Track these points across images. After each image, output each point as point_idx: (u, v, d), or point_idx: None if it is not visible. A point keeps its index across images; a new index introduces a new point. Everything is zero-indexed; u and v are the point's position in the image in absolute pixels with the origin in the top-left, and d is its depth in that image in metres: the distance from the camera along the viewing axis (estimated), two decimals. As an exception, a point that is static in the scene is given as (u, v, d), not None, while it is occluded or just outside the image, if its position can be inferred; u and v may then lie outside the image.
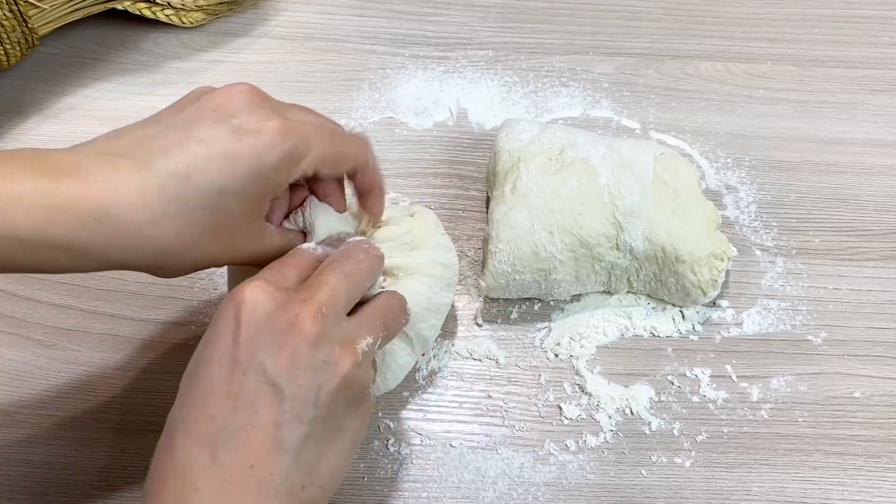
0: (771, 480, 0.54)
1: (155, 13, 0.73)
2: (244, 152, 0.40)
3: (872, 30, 0.77)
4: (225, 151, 0.40)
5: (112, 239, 0.39)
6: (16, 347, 0.58)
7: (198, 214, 0.40)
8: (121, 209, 0.38)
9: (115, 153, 0.39)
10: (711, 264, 0.57)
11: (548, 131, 0.60)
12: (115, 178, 0.39)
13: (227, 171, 0.40)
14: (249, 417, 0.38)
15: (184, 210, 0.39)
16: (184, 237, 0.40)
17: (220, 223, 0.41)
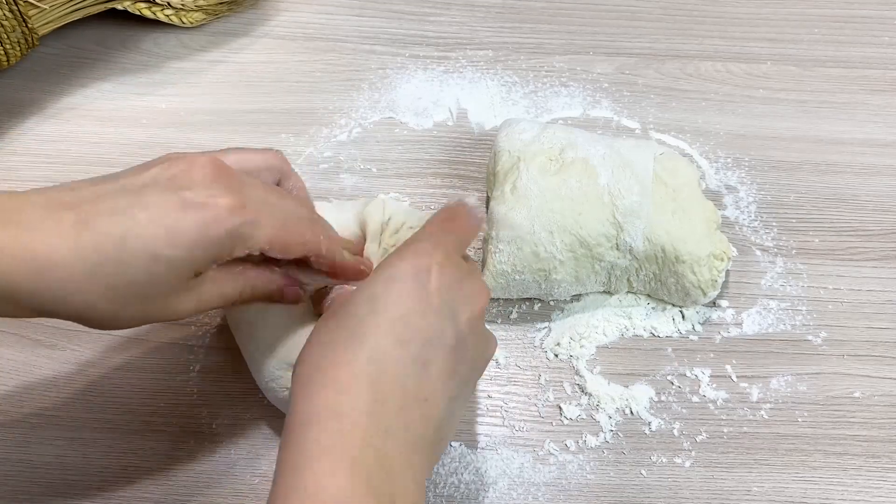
0: (771, 480, 0.54)
1: (155, 13, 0.73)
2: (186, 225, 0.40)
3: (872, 30, 0.77)
4: (167, 221, 0.40)
5: (47, 289, 0.39)
6: (16, 347, 0.58)
7: (127, 278, 0.40)
8: (54, 262, 0.39)
9: (65, 206, 0.40)
10: (711, 264, 0.57)
11: (548, 131, 0.60)
12: (57, 231, 0.39)
13: (165, 240, 0.40)
14: (434, 355, 0.41)
15: (115, 271, 0.40)
16: (114, 296, 0.40)
17: (152, 289, 0.41)
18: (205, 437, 0.54)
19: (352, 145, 0.68)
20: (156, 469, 0.53)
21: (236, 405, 0.56)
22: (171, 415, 0.55)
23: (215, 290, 0.44)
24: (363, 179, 0.66)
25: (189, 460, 0.53)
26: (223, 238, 0.41)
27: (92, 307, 0.40)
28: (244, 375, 0.57)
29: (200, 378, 0.57)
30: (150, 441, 0.54)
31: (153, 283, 0.41)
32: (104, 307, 0.40)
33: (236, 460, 0.53)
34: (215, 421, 0.55)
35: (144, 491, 0.52)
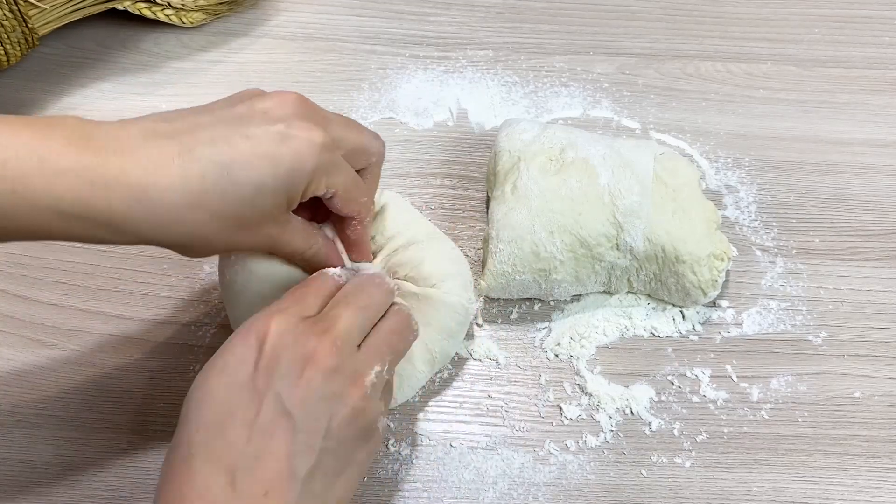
0: (771, 480, 0.54)
1: (155, 13, 0.73)
2: (286, 155, 0.42)
3: (872, 30, 0.77)
4: (268, 152, 0.42)
5: (149, 217, 0.40)
6: (16, 347, 0.58)
7: (232, 207, 0.42)
8: (160, 191, 0.40)
9: (163, 135, 0.41)
10: (711, 264, 0.57)
11: (548, 131, 0.60)
12: (159, 160, 0.40)
13: (268, 170, 0.42)
14: (265, 445, 0.39)
15: (220, 200, 0.41)
16: (216, 225, 0.42)
17: (253, 217, 0.43)
18: (205, 437, 0.54)
19: (352, 145, 0.68)
20: (155, 469, 0.53)
21: (236, 405, 0.56)
22: (171, 415, 0.55)
23: (297, 232, 0.47)
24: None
25: (189, 460, 0.53)
26: (314, 170, 0.43)
27: (191, 235, 0.42)
28: (244, 375, 0.57)
29: (200, 378, 0.57)
30: (150, 441, 0.54)
31: (254, 213, 0.43)
32: (203, 235, 0.42)
33: (236, 460, 0.53)
34: (215, 421, 0.55)
35: (144, 491, 0.52)
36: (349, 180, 0.46)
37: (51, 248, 0.62)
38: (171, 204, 0.40)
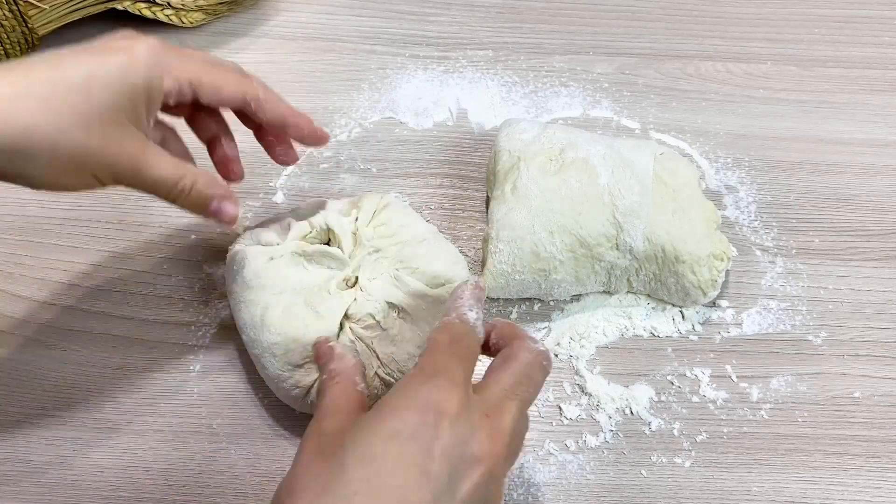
0: (771, 480, 0.54)
1: (155, 13, 0.73)
2: (116, 51, 0.43)
3: (872, 30, 0.77)
4: (98, 51, 0.43)
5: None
6: (16, 347, 0.58)
7: (66, 95, 0.41)
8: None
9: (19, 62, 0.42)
10: (711, 264, 0.57)
11: (548, 131, 0.60)
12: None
13: (96, 62, 0.42)
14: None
15: (49, 90, 0.41)
16: (51, 117, 0.41)
17: (90, 112, 0.42)
18: (205, 437, 0.54)
19: (352, 145, 0.68)
20: (156, 469, 0.53)
21: (236, 405, 0.56)
22: (171, 415, 0.55)
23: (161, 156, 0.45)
24: (363, 179, 0.66)
25: (189, 460, 0.53)
26: (150, 65, 0.43)
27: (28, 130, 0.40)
28: (244, 375, 0.57)
29: (200, 378, 0.57)
30: (150, 441, 0.54)
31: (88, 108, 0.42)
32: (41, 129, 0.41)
33: (236, 460, 0.53)
34: (215, 421, 0.55)
35: (144, 491, 0.52)
36: (205, 66, 0.45)
37: (51, 249, 0.62)
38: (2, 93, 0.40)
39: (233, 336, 0.58)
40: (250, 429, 0.55)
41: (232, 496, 0.52)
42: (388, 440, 0.38)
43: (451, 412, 0.38)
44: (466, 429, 0.38)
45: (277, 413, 0.55)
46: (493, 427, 0.39)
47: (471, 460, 0.38)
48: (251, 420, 0.55)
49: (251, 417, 0.55)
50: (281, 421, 0.55)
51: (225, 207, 0.48)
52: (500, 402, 0.41)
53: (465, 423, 0.38)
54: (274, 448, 0.54)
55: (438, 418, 0.38)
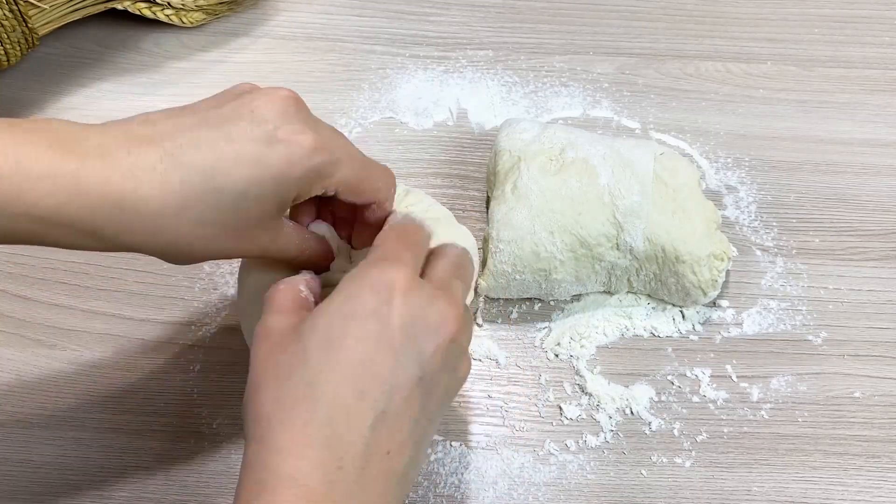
0: (771, 480, 0.54)
1: (155, 13, 0.73)
2: (272, 161, 0.40)
3: (872, 30, 0.77)
4: (253, 157, 0.40)
5: (131, 226, 0.39)
6: (16, 347, 0.58)
7: (216, 213, 0.40)
8: (141, 198, 0.38)
9: (145, 140, 0.39)
10: (711, 264, 0.57)
11: (548, 131, 0.60)
12: (140, 166, 0.39)
13: (252, 176, 0.40)
14: (395, 403, 0.38)
15: (202, 207, 0.40)
16: (199, 232, 0.40)
17: (238, 223, 0.41)
18: (205, 437, 0.54)
19: (352, 145, 0.68)
20: (156, 469, 0.53)
21: (236, 405, 0.55)
22: (171, 415, 0.55)
23: (290, 239, 0.45)
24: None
25: (189, 460, 0.53)
26: (306, 174, 0.41)
27: (176, 243, 0.40)
28: (244, 375, 0.56)
29: (200, 378, 0.57)
30: (150, 441, 0.54)
31: (239, 219, 0.41)
32: (188, 243, 0.41)
33: (236, 460, 0.53)
34: (215, 421, 0.55)
35: (144, 491, 0.52)
36: (353, 172, 0.44)
37: (51, 249, 0.62)
38: (152, 212, 0.39)
39: (233, 336, 0.58)
40: (250, 429, 0.55)
41: (232, 496, 0.52)
42: (346, 320, 0.38)
43: (403, 287, 0.38)
44: (422, 299, 0.39)
45: (277, 413, 0.55)
46: (447, 298, 0.40)
47: (432, 326, 0.39)
48: (251, 420, 0.55)
49: (251, 417, 0.55)
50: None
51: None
52: (446, 281, 0.42)
53: (419, 295, 0.39)
54: (274, 448, 0.54)
55: (392, 294, 0.38)
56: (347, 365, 0.37)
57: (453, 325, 0.39)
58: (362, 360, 0.37)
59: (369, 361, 0.37)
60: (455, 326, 0.39)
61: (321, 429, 0.36)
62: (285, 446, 0.36)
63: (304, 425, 0.36)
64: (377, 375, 0.37)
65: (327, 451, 0.36)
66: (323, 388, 0.37)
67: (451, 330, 0.39)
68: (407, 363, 0.38)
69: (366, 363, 0.37)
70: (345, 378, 0.37)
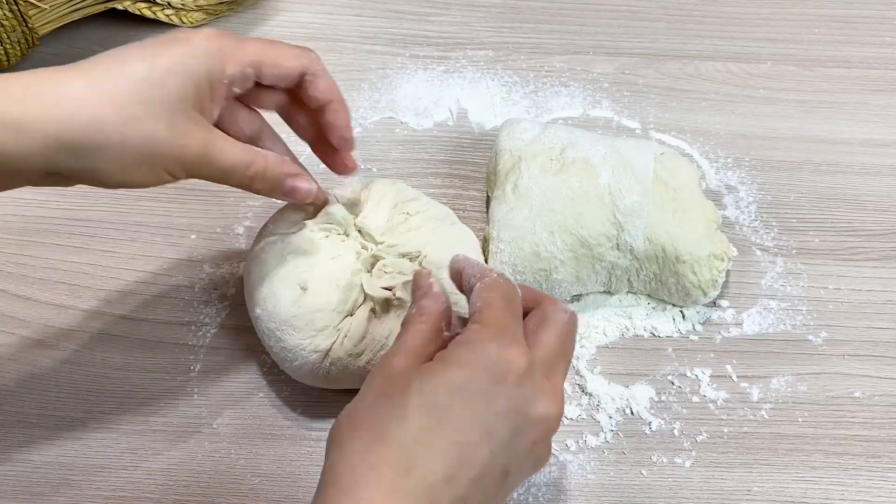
0: (771, 480, 0.54)
1: (155, 13, 0.73)
2: (176, 42, 0.43)
3: (872, 30, 0.77)
4: (158, 44, 0.43)
5: (47, 105, 0.40)
6: (16, 347, 0.58)
7: (130, 86, 0.42)
8: (56, 83, 0.41)
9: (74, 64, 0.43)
10: (711, 264, 0.57)
11: (549, 131, 0.60)
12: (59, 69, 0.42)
13: (158, 53, 0.43)
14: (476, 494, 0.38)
15: (114, 82, 0.41)
16: (117, 109, 0.41)
17: (155, 102, 0.42)
18: (205, 437, 0.54)
19: (352, 145, 0.68)
20: (156, 469, 0.53)
21: (236, 405, 0.56)
22: (171, 415, 0.55)
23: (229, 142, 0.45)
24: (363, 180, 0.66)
25: (189, 460, 0.53)
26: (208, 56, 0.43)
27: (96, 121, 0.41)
28: (244, 375, 0.57)
29: (200, 378, 0.57)
30: (150, 441, 0.54)
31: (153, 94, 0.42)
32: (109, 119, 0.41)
33: (236, 460, 0.53)
34: (215, 421, 0.55)
35: (144, 491, 0.52)
36: (262, 46, 0.46)
37: (51, 248, 0.62)
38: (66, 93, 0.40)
39: (233, 336, 0.58)
40: (250, 429, 0.55)
41: (232, 496, 0.52)
42: (454, 394, 0.38)
43: (517, 372, 0.39)
44: (531, 390, 0.39)
45: (277, 413, 0.55)
46: (553, 389, 0.40)
47: (534, 421, 0.39)
48: (251, 420, 0.55)
49: (251, 417, 0.55)
50: (281, 421, 0.55)
51: (299, 184, 0.48)
52: (553, 363, 0.42)
53: (531, 383, 0.39)
54: (274, 448, 0.54)
55: (505, 377, 0.38)
56: (444, 442, 0.37)
57: (554, 424, 0.40)
58: (458, 443, 0.37)
59: (466, 445, 0.38)
60: (555, 425, 0.40)
61: (404, 501, 0.36)
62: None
63: (387, 492, 0.36)
64: (470, 462, 0.38)
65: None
66: (415, 459, 0.37)
67: (550, 429, 0.40)
68: (500, 454, 0.38)
69: (462, 446, 0.37)
70: (438, 457, 0.37)
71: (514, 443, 0.39)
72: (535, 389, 0.39)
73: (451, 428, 0.37)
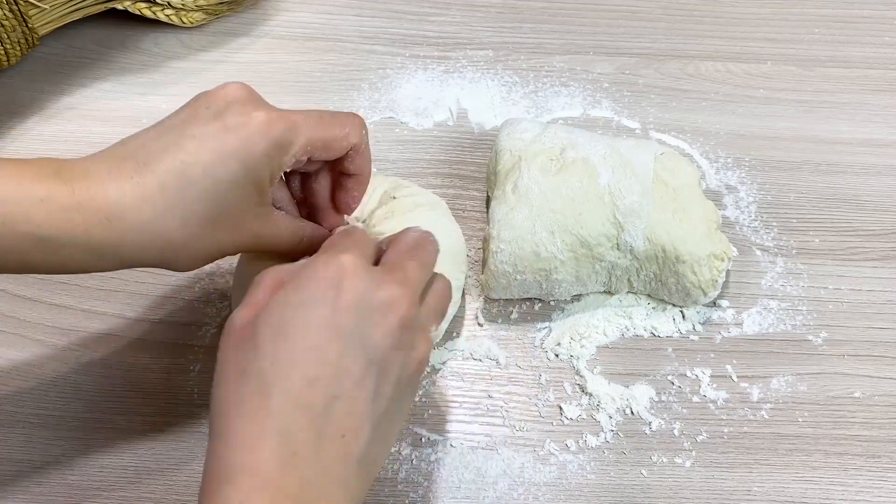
0: (771, 480, 0.54)
1: (155, 13, 0.73)
2: (233, 144, 0.43)
3: (872, 30, 0.77)
4: (214, 145, 0.42)
5: (123, 236, 0.41)
6: (16, 347, 0.58)
7: (197, 206, 0.42)
8: (126, 208, 0.41)
9: (121, 157, 0.42)
10: (712, 264, 0.57)
11: (549, 131, 0.60)
12: (120, 180, 0.41)
13: (219, 162, 0.42)
14: (346, 387, 0.39)
15: (183, 203, 0.42)
16: (186, 229, 0.42)
17: (221, 212, 0.43)
18: (205, 437, 0.54)
19: (352, 145, 0.68)
20: (156, 469, 0.53)
21: (236, 405, 0.56)
22: (171, 415, 0.55)
23: (281, 225, 0.47)
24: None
25: (189, 460, 0.53)
26: (268, 149, 0.43)
27: (170, 245, 0.43)
28: (244, 375, 0.57)
29: (200, 378, 0.57)
30: (150, 441, 0.54)
31: (221, 207, 0.43)
32: (182, 243, 0.43)
33: (236, 460, 0.53)
34: (215, 421, 0.55)
35: (144, 491, 0.52)
36: (313, 128, 0.46)
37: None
38: (137, 220, 0.41)
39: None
40: (250, 429, 0.55)
41: (232, 496, 0.52)
42: (295, 308, 0.39)
43: (350, 272, 0.39)
44: (369, 282, 0.40)
45: (278, 413, 0.55)
46: (397, 278, 0.41)
47: (378, 306, 0.39)
48: (251, 420, 0.55)
49: (251, 417, 0.55)
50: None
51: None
52: (399, 262, 0.43)
53: (367, 278, 0.40)
54: (274, 448, 0.54)
55: (340, 280, 0.39)
56: (297, 353, 0.38)
57: (402, 306, 0.40)
58: (311, 347, 0.38)
59: (317, 348, 0.38)
60: (405, 307, 0.40)
61: (274, 419, 0.37)
62: (240, 439, 0.37)
63: (256, 417, 0.37)
64: (326, 362, 0.38)
65: (281, 439, 0.37)
66: (273, 378, 0.38)
67: (400, 311, 0.40)
68: (355, 347, 0.39)
69: (314, 350, 0.38)
70: (294, 367, 0.38)
71: (366, 331, 0.39)
72: (374, 281, 0.40)
73: (298, 338, 0.38)
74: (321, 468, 0.38)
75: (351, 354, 0.39)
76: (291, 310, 0.39)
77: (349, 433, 0.39)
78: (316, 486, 0.37)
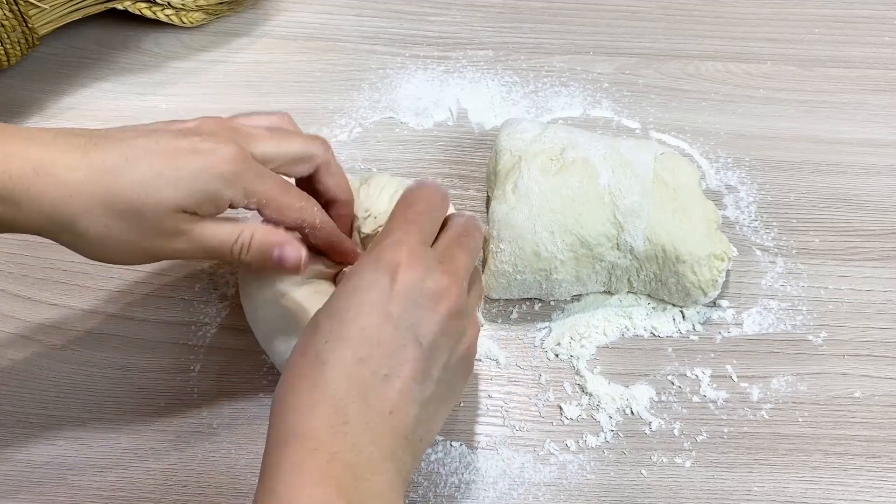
0: (771, 480, 0.54)
1: (155, 13, 0.73)
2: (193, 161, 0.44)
3: (872, 30, 0.77)
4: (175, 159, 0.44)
5: (47, 189, 0.42)
6: (16, 347, 0.58)
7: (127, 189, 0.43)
8: (61, 167, 0.42)
9: (77, 134, 0.44)
10: (712, 264, 0.57)
11: (549, 131, 0.60)
12: (65, 146, 0.43)
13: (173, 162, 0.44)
14: (395, 368, 0.41)
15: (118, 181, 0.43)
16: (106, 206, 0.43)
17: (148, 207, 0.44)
18: (205, 437, 0.54)
19: (352, 145, 0.68)
20: (156, 469, 0.53)
21: (236, 405, 0.56)
22: (171, 415, 0.55)
23: (213, 231, 0.47)
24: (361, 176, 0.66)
25: (189, 460, 0.53)
26: (224, 179, 0.44)
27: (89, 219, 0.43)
28: (244, 375, 0.57)
29: (200, 378, 0.57)
30: (150, 441, 0.54)
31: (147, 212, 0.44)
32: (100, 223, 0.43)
33: (236, 460, 0.53)
34: (215, 421, 0.55)
35: (144, 491, 0.52)
36: (274, 189, 0.47)
37: (51, 248, 0.62)
38: (70, 179, 0.42)
39: (233, 336, 0.58)
40: (250, 429, 0.55)
41: (232, 496, 0.52)
42: (350, 294, 0.42)
43: (403, 261, 0.42)
44: (421, 271, 0.42)
45: (278, 413, 0.55)
46: (447, 268, 0.43)
47: (429, 295, 0.42)
48: (251, 420, 0.55)
49: (251, 417, 0.55)
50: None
51: (286, 253, 0.48)
52: (448, 251, 0.45)
53: (419, 266, 0.42)
54: (274, 448, 0.54)
55: (394, 268, 0.42)
56: (349, 334, 0.41)
57: (451, 296, 0.43)
58: (362, 328, 0.41)
59: (369, 328, 0.41)
60: (454, 297, 0.43)
61: (326, 391, 0.40)
62: (297, 408, 0.40)
63: (312, 389, 0.40)
64: (377, 342, 0.41)
65: (332, 409, 0.39)
66: (328, 355, 0.40)
67: (450, 301, 0.42)
68: (405, 331, 0.41)
69: (365, 330, 0.41)
70: (347, 345, 0.41)
71: (416, 318, 0.41)
72: (425, 270, 0.42)
73: (351, 321, 0.41)
74: (370, 437, 0.40)
75: (401, 338, 0.41)
76: (347, 295, 0.42)
77: (397, 410, 0.41)
78: (366, 453, 0.39)
